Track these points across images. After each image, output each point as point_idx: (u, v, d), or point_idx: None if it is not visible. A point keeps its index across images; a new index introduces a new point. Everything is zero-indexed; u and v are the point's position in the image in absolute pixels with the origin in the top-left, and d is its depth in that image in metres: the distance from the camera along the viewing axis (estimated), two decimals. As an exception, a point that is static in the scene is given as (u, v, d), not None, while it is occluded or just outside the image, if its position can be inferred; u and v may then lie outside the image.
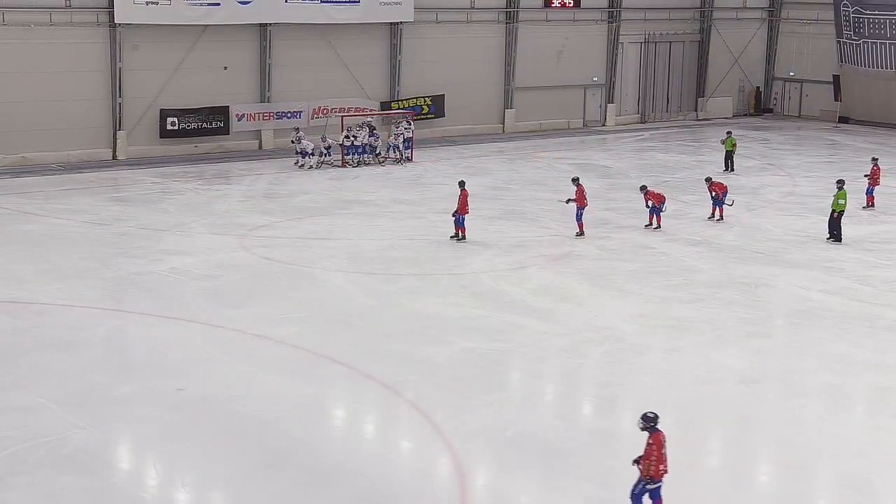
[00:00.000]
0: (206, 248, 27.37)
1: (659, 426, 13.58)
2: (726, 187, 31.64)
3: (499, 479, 15.14)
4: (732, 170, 39.46)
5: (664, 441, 13.50)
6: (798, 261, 27.07)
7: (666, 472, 13.50)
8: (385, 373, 18.75)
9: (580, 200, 29.13)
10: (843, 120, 53.56)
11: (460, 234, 28.24)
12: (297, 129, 40.21)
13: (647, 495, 13.58)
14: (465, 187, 28.51)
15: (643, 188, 30.77)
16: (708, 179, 32.04)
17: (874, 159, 34.16)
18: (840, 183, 29.31)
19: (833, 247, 28.44)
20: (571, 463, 15.56)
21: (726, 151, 39.96)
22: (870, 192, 33.25)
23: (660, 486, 13.54)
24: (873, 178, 33.24)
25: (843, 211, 28.93)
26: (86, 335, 20.60)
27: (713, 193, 31.31)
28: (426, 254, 27.23)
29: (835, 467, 15.74)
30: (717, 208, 31.34)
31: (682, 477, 15.19)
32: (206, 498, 14.67)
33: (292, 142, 39.64)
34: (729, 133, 40.59)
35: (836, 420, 17.43)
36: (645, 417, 13.66)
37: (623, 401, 18.10)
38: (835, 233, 28.88)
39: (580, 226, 29.06)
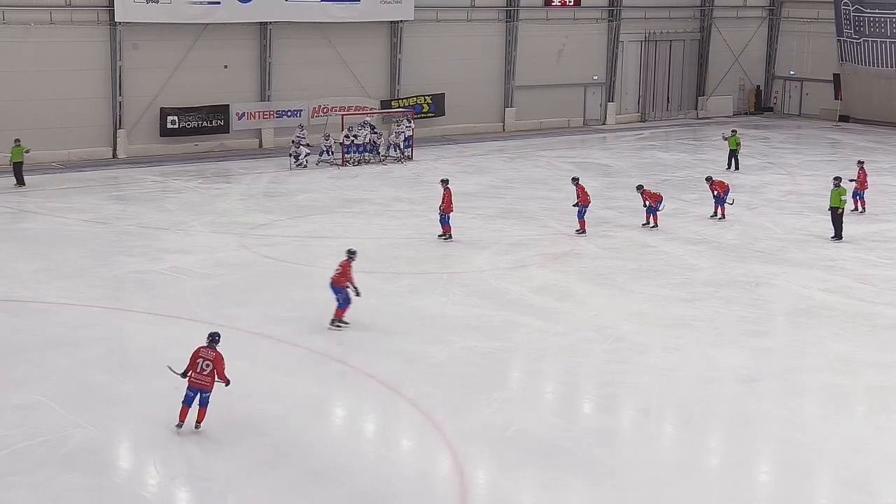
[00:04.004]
0: (207, 246, 27.36)
1: (218, 347, 16.30)
2: (728, 186, 31.65)
3: (499, 478, 15.14)
4: (737, 168, 39.43)
5: (201, 355, 16.22)
6: (798, 259, 27.07)
7: (203, 383, 16.01)
8: (385, 372, 18.75)
9: (583, 199, 29.19)
10: (844, 119, 53.51)
11: (446, 233, 28.23)
12: (301, 126, 40.29)
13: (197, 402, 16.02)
14: (449, 185, 28.47)
15: (639, 188, 30.83)
16: (709, 179, 32.05)
17: (860, 162, 33.46)
18: (836, 180, 29.28)
19: (833, 245, 28.42)
20: (571, 462, 15.55)
21: (730, 150, 39.92)
22: (858, 196, 32.42)
23: (197, 395, 16.04)
24: (860, 182, 32.50)
25: (843, 208, 28.90)
26: (86, 334, 20.60)
27: (715, 192, 31.32)
28: (426, 252, 27.22)
29: (835, 466, 15.73)
30: (720, 207, 31.36)
31: (683, 476, 15.23)
32: (205, 497, 14.65)
33: (292, 141, 39.64)
34: (734, 132, 40.54)
35: (836, 419, 17.41)
36: (211, 334, 16.55)
37: (623, 400, 18.09)
38: (836, 230, 28.86)
39: (582, 223, 29.09)
